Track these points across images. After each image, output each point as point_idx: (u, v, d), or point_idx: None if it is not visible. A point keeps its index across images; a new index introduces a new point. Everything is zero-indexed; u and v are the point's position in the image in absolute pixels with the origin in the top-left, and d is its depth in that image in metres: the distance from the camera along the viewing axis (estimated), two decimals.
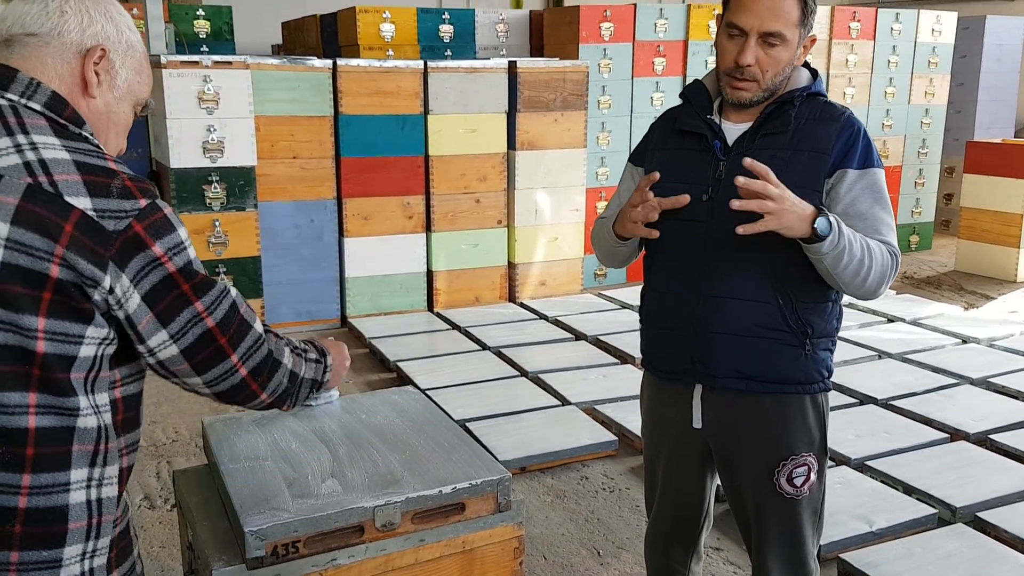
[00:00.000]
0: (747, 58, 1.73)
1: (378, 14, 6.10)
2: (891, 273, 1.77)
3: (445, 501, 1.55)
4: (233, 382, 1.36)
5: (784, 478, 1.85)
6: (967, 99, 8.19)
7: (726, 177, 1.78)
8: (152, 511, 3.17)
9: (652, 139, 1.98)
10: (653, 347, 1.97)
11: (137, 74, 1.36)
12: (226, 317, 1.32)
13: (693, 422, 1.91)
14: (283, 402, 1.49)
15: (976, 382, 4.22)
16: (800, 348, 1.81)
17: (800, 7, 1.72)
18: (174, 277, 1.25)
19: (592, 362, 4.53)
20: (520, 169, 5.60)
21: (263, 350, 1.39)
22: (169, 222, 1.26)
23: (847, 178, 1.75)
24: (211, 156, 4.64)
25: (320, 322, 5.33)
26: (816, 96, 1.82)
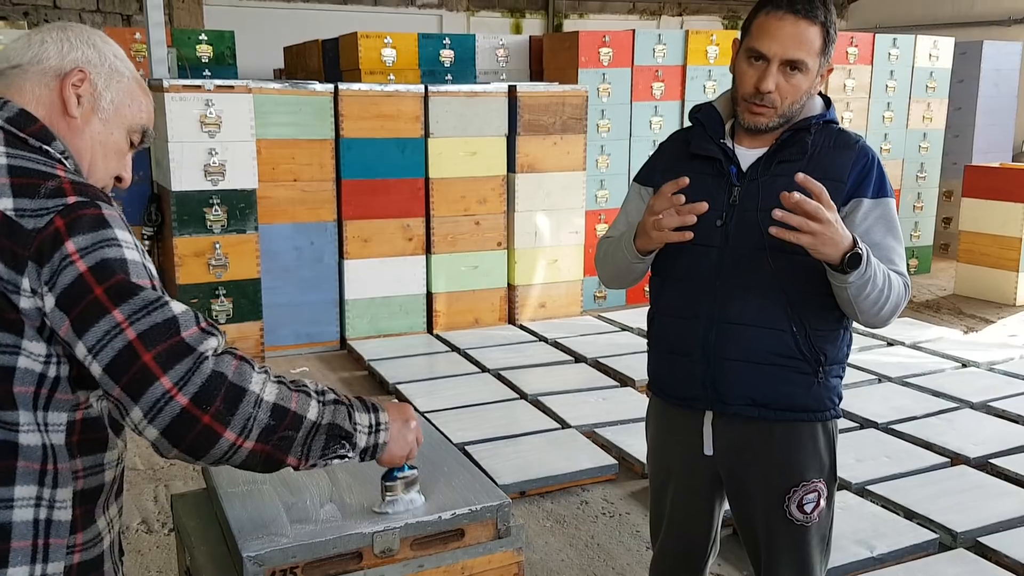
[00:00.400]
0: (768, 84, 1.72)
1: (380, 39, 6.15)
2: (903, 303, 1.77)
3: (444, 527, 1.54)
4: (172, 413, 1.12)
5: (795, 504, 1.84)
6: (965, 123, 8.24)
7: (740, 202, 1.78)
8: (150, 535, 3.16)
9: (661, 160, 1.97)
10: (663, 372, 1.95)
11: (127, 99, 1.34)
12: (153, 331, 1.12)
13: (704, 449, 1.89)
14: (286, 453, 1.22)
15: (976, 406, 4.21)
16: (813, 376, 1.81)
17: (823, 37, 1.72)
18: (84, 277, 1.11)
19: (592, 385, 4.52)
20: (520, 192, 5.62)
21: (204, 370, 1.14)
22: (101, 219, 1.14)
23: (862, 207, 1.76)
24: (212, 179, 4.67)
25: (319, 344, 5.33)
26: (830, 123, 1.82)
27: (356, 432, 1.31)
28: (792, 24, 1.70)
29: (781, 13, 1.71)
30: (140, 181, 5.04)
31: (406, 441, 1.41)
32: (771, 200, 1.70)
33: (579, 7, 11.68)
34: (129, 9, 9.19)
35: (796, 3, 1.71)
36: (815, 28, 1.70)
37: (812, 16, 1.70)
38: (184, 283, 4.69)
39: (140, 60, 6.08)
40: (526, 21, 11.42)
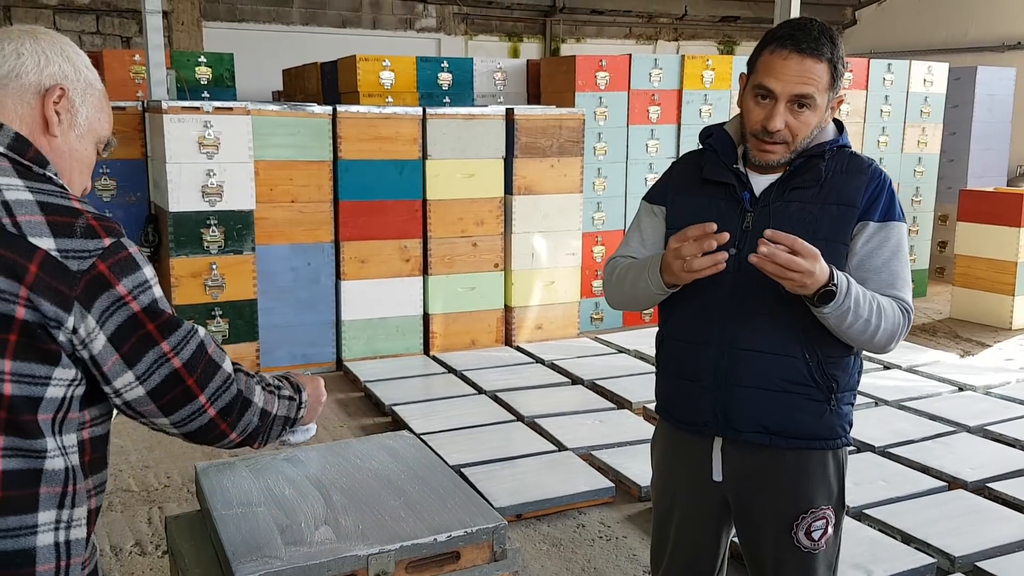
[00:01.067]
0: (776, 123, 1.72)
1: (378, 62, 6.19)
2: (902, 330, 1.76)
3: (440, 549, 1.54)
4: (201, 423, 1.33)
5: (803, 532, 1.83)
6: (960, 148, 8.29)
7: (753, 229, 1.76)
8: (143, 557, 3.13)
9: (672, 181, 1.95)
10: (672, 397, 1.93)
11: (98, 112, 1.36)
12: (193, 357, 1.30)
13: (713, 475, 1.88)
14: (254, 440, 1.45)
15: (973, 430, 4.21)
16: (826, 403, 1.80)
17: (830, 72, 1.72)
18: (139, 316, 1.24)
19: (589, 407, 4.51)
20: (517, 214, 5.64)
21: (232, 390, 1.36)
22: (134, 261, 1.25)
23: (866, 230, 1.76)
24: (210, 200, 4.67)
25: (316, 365, 5.31)
26: (843, 148, 1.82)
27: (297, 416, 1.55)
28: (799, 62, 1.69)
29: (787, 52, 1.70)
30: (137, 201, 5.04)
31: (315, 411, 1.66)
32: (784, 226, 1.70)
33: (576, 32, 11.78)
34: (129, 31, 9.25)
35: (801, 42, 1.70)
36: (821, 65, 1.70)
37: (818, 54, 1.69)
38: (180, 304, 4.69)
39: (139, 82, 6.11)
40: (524, 45, 11.51)
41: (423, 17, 10.81)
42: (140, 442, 4.19)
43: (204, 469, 1.81)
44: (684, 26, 12.22)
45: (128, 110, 4.98)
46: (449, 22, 10.95)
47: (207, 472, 1.80)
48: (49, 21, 8.92)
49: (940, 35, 11.60)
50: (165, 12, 8.54)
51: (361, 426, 4.46)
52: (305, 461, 1.85)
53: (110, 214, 5.25)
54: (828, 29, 1.74)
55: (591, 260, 6.19)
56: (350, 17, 10.39)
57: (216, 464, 1.84)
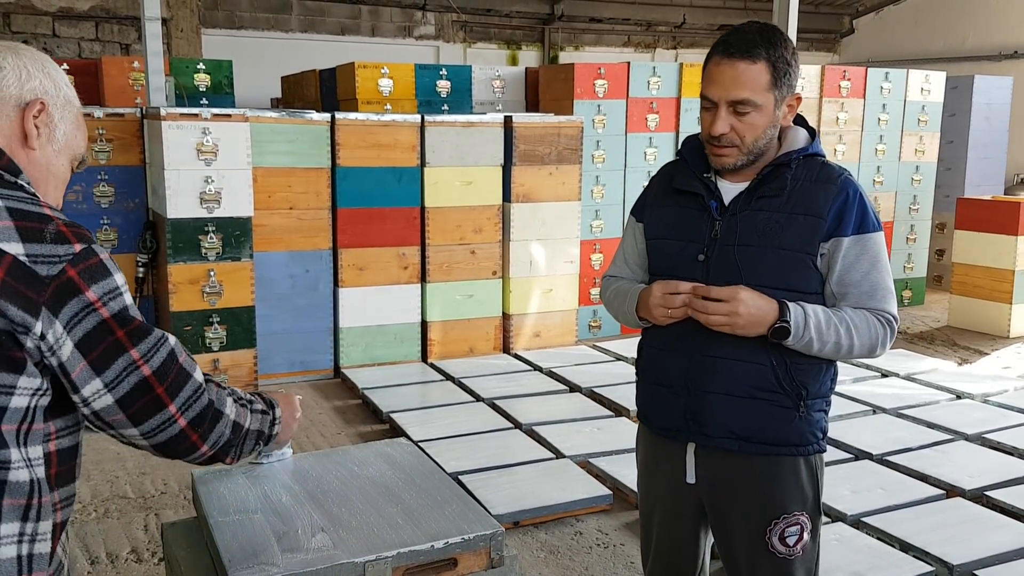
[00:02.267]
0: (718, 128, 1.76)
1: (377, 69, 6.20)
2: (883, 341, 1.79)
3: (437, 556, 1.53)
4: (171, 433, 1.31)
5: (776, 537, 1.84)
6: (957, 156, 8.31)
7: (721, 237, 1.81)
8: (139, 564, 3.12)
9: (650, 194, 2.01)
10: (648, 403, 1.98)
11: (75, 129, 1.37)
12: (163, 365, 1.28)
13: (687, 477, 1.90)
14: (226, 455, 1.43)
15: (971, 438, 4.20)
16: (794, 410, 1.81)
17: (770, 71, 1.73)
18: (108, 323, 1.23)
19: (587, 414, 4.51)
20: (515, 221, 5.64)
21: (203, 400, 1.34)
22: (104, 267, 1.24)
23: (841, 247, 1.77)
24: (208, 206, 4.68)
25: (313, 372, 5.31)
26: (814, 157, 1.83)
27: (269, 431, 1.53)
28: (730, 67, 1.74)
29: (719, 58, 1.76)
30: (135, 208, 5.04)
31: (291, 429, 1.65)
32: (749, 235, 1.78)
33: (575, 40, 11.82)
34: (128, 38, 9.27)
35: (731, 46, 1.75)
36: (757, 66, 1.72)
37: (750, 55, 1.72)
38: (177, 310, 4.68)
39: (138, 88, 6.12)
40: (522, 53, 11.54)
41: (422, 25, 10.84)
42: (137, 449, 4.17)
43: (201, 476, 1.81)
44: (683, 34, 12.26)
45: (127, 117, 4.99)
46: (448, 30, 10.97)
47: (204, 479, 1.80)
48: (48, 28, 8.94)
49: (938, 44, 11.64)
50: (164, 19, 8.56)
51: (359, 433, 4.45)
52: (302, 468, 1.85)
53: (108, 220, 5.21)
54: (769, 30, 1.77)
55: (589, 268, 6.19)
56: (349, 24, 10.41)
57: (213, 471, 1.84)
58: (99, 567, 3.10)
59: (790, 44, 1.77)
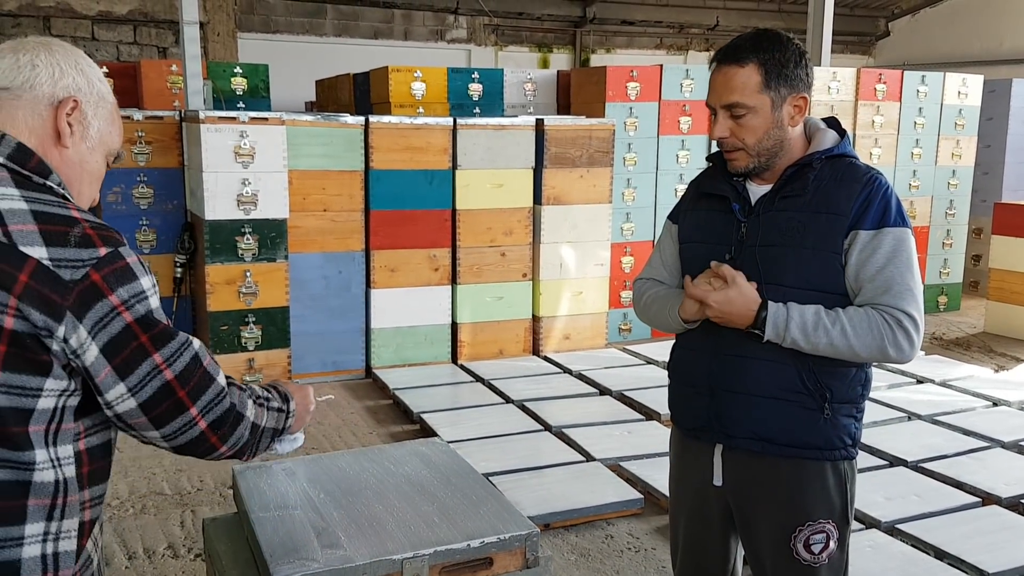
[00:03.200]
0: (717, 132, 1.81)
1: (410, 73, 6.25)
2: (894, 342, 1.72)
3: (473, 555, 1.55)
4: (191, 436, 1.31)
5: (801, 544, 1.83)
6: (994, 161, 8.19)
7: (747, 238, 1.83)
8: (176, 560, 3.18)
9: (687, 199, 2.04)
10: (677, 403, 2.00)
11: (109, 124, 1.36)
12: (186, 369, 1.28)
13: (714, 479, 1.91)
14: (243, 454, 1.43)
15: (1008, 445, 4.15)
16: (819, 412, 1.80)
17: (760, 73, 1.76)
18: (132, 328, 1.22)
19: (617, 418, 4.51)
20: (546, 224, 5.65)
21: (225, 403, 1.34)
22: (130, 271, 1.23)
23: (858, 239, 1.76)
24: (245, 208, 4.74)
25: (345, 372, 5.36)
26: (842, 157, 1.83)
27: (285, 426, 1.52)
28: (720, 74, 1.80)
29: (713, 67, 1.83)
30: (174, 209, 5.13)
31: (303, 422, 1.64)
32: (772, 234, 1.79)
33: (606, 42, 11.81)
34: (165, 42, 9.42)
35: (719, 55, 1.82)
36: (744, 69, 1.76)
37: (738, 60, 1.77)
38: (215, 310, 4.75)
39: (176, 92, 6.22)
40: (554, 56, 11.55)
41: (454, 28, 10.89)
42: None
43: (241, 472, 1.85)
44: (716, 36, 12.20)
45: (165, 119, 5.08)
46: (479, 33, 11.02)
47: (244, 475, 1.83)
48: (88, 31, 9.12)
49: (975, 47, 11.48)
50: (201, 23, 8.69)
51: (390, 433, 4.49)
52: (339, 466, 1.88)
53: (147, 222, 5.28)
54: (763, 35, 1.81)
55: (619, 271, 6.19)
56: (382, 29, 10.50)
57: (253, 467, 1.88)
58: (136, 562, 3.16)
59: (791, 46, 1.79)
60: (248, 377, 4.84)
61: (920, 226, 7.33)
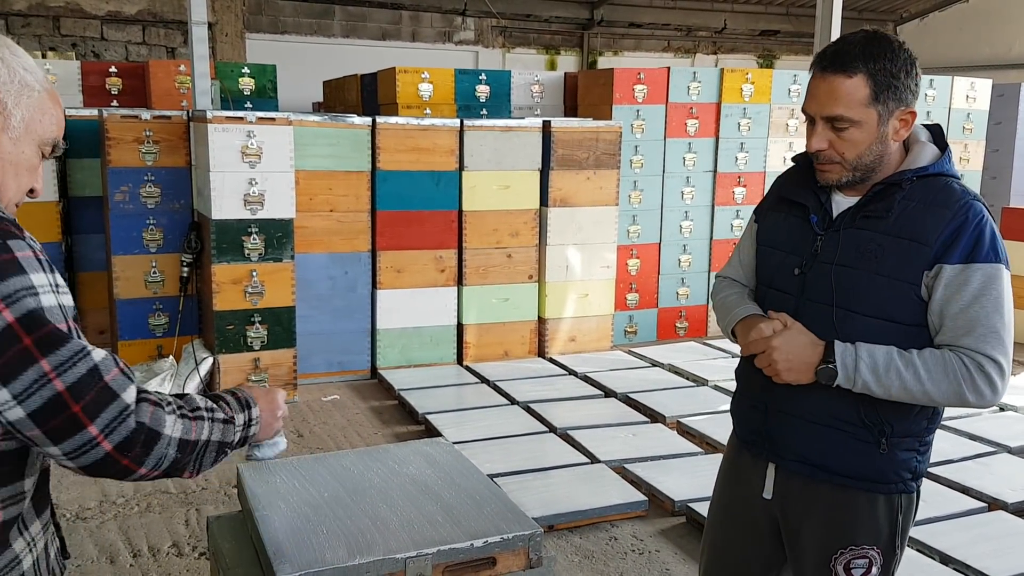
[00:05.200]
0: (814, 144, 1.69)
1: (417, 74, 6.26)
2: (974, 388, 1.60)
3: (476, 555, 1.55)
4: (95, 457, 1.18)
5: (841, 566, 1.77)
6: (1003, 165, 8.16)
7: (821, 253, 1.73)
8: (180, 558, 3.18)
9: (770, 198, 1.94)
10: (737, 410, 1.96)
11: (40, 114, 1.30)
12: (80, 381, 1.16)
13: (764, 492, 1.87)
14: (181, 471, 1.31)
15: (1014, 451, 4.13)
16: (874, 446, 1.71)
17: (869, 85, 1.62)
18: (13, 327, 1.12)
19: (622, 420, 4.50)
20: (552, 225, 5.66)
21: (130, 423, 1.20)
22: (16, 264, 1.14)
23: (943, 275, 1.62)
24: (251, 208, 4.75)
25: (351, 373, 5.37)
26: (937, 177, 1.69)
27: (235, 436, 1.40)
28: (826, 82, 1.65)
29: (817, 73, 1.68)
30: (181, 209, 5.14)
31: (272, 427, 1.54)
32: (849, 254, 1.68)
33: (614, 45, 11.81)
34: (174, 42, 9.46)
35: (825, 60, 1.66)
36: (853, 80, 1.63)
37: (846, 70, 1.63)
38: (221, 309, 4.77)
39: (184, 91, 6.24)
40: (561, 58, 11.56)
41: (462, 30, 10.91)
42: None
43: (246, 470, 1.85)
44: (723, 39, 12.19)
45: (173, 119, 5.09)
46: (487, 35, 11.03)
47: (249, 472, 1.83)
48: (97, 31, 9.16)
49: (983, 51, 11.45)
50: (210, 24, 8.71)
51: (395, 434, 4.49)
52: (344, 465, 1.88)
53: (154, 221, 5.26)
54: (875, 40, 1.65)
55: (626, 273, 6.18)
56: (390, 30, 10.52)
57: (258, 465, 1.88)
58: (141, 560, 3.17)
59: (902, 54, 1.64)
60: (253, 377, 4.85)
61: None
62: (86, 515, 3.50)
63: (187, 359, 4.85)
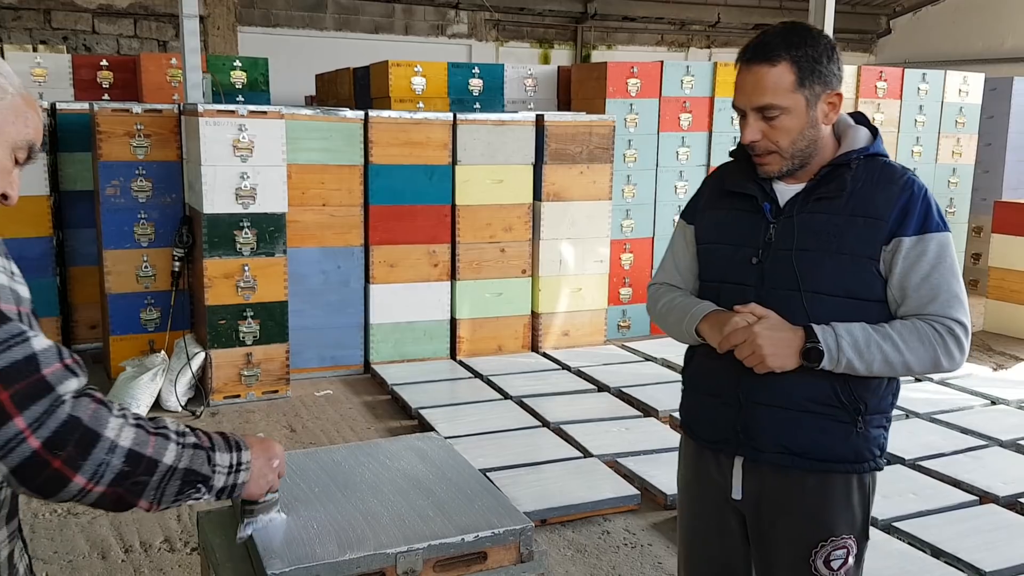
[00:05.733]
0: (748, 135, 1.71)
1: (410, 68, 6.24)
2: (947, 352, 1.66)
3: (467, 549, 1.55)
4: (23, 455, 1.08)
5: (821, 560, 1.76)
6: (995, 159, 8.18)
7: (776, 241, 1.74)
8: (172, 553, 3.18)
9: (703, 197, 1.94)
10: (696, 414, 1.90)
11: (12, 116, 1.26)
12: (13, 367, 1.07)
13: (733, 492, 1.84)
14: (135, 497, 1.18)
15: (1005, 444, 4.15)
16: (852, 425, 1.73)
17: (794, 71, 1.66)
18: None
19: (615, 414, 4.51)
20: (545, 220, 5.65)
21: (59, 414, 1.09)
22: None
23: (902, 247, 1.68)
24: (243, 202, 4.73)
25: (343, 367, 5.36)
26: (876, 157, 1.75)
27: (214, 475, 1.30)
28: (751, 73, 1.68)
29: (742, 66, 1.72)
30: (173, 203, 5.12)
31: (266, 480, 1.43)
32: (807, 238, 1.70)
33: (607, 39, 11.79)
34: (165, 35, 9.41)
35: (747, 52, 1.70)
36: (777, 68, 1.66)
37: (768, 58, 1.67)
38: (212, 304, 4.75)
39: (175, 85, 6.21)
40: (554, 52, 11.54)
41: (455, 23, 10.88)
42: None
43: None
44: (717, 33, 12.19)
45: (164, 113, 5.06)
46: (480, 28, 11.00)
47: None
48: (88, 24, 9.11)
49: (976, 45, 11.47)
50: (201, 17, 8.68)
51: (388, 428, 4.49)
52: (335, 460, 1.87)
53: (145, 215, 5.23)
54: (793, 29, 1.70)
55: (619, 267, 6.18)
56: (383, 23, 10.48)
57: None
58: (133, 555, 3.16)
59: (822, 40, 1.69)
60: (246, 372, 4.84)
61: None
62: (77, 510, 3.49)
63: (179, 354, 4.83)
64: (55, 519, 3.42)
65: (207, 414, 4.64)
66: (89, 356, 5.66)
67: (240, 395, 4.84)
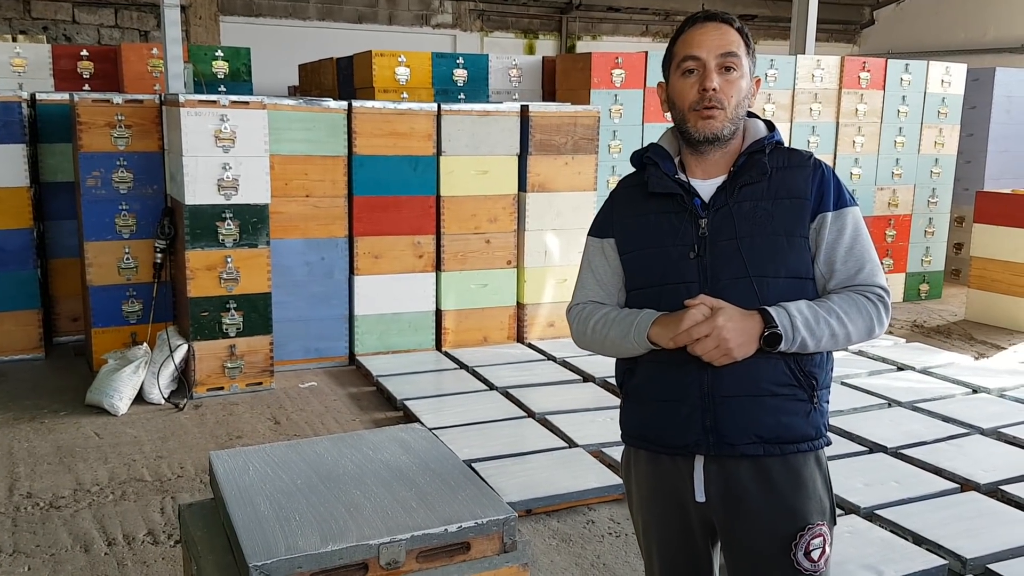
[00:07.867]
0: (712, 81, 1.73)
1: (394, 58, 6.21)
2: (879, 319, 1.74)
3: (450, 540, 1.55)
4: None
5: (802, 552, 1.74)
6: (977, 149, 8.23)
7: (712, 234, 1.75)
8: (155, 546, 3.16)
9: (615, 211, 1.91)
10: (652, 422, 1.83)
11: None
12: None
13: (696, 496, 1.79)
14: None
15: (987, 432, 4.18)
16: (809, 402, 1.75)
17: (743, 40, 1.77)
18: None
19: (600, 404, 4.51)
20: (530, 211, 5.64)
21: None
22: None
23: (826, 222, 1.75)
24: (225, 193, 4.70)
25: (328, 359, 5.34)
26: (779, 145, 1.83)
27: None
28: (715, 28, 1.77)
29: (702, 22, 1.78)
30: (154, 194, 5.08)
31: None
32: (741, 225, 1.74)
33: (592, 29, 11.78)
34: (147, 25, 9.32)
35: (703, 15, 1.80)
36: (734, 32, 1.77)
37: (729, 21, 1.78)
38: (195, 296, 4.72)
39: (157, 75, 6.15)
40: (539, 42, 11.51)
41: (439, 13, 10.83)
42: (154, 432, 4.22)
43: (218, 457, 1.83)
44: None
45: (145, 103, 5.02)
46: (465, 19, 10.96)
47: (221, 460, 1.82)
48: (68, 14, 9.00)
49: (959, 36, 11.52)
50: (183, 6, 8.59)
51: (373, 420, 4.48)
52: (318, 451, 1.87)
53: (126, 206, 5.19)
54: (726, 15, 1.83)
55: None
56: (366, 13, 10.42)
57: (230, 452, 1.86)
58: (116, 548, 3.14)
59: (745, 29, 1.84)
60: (229, 364, 4.81)
61: (902, 214, 7.38)
62: (60, 504, 3.47)
63: (161, 346, 4.80)
64: (37, 512, 3.39)
65: (190, 406, 4.62)
66: (71, 348, 5.62)
67: (224, 387, 4.82)
